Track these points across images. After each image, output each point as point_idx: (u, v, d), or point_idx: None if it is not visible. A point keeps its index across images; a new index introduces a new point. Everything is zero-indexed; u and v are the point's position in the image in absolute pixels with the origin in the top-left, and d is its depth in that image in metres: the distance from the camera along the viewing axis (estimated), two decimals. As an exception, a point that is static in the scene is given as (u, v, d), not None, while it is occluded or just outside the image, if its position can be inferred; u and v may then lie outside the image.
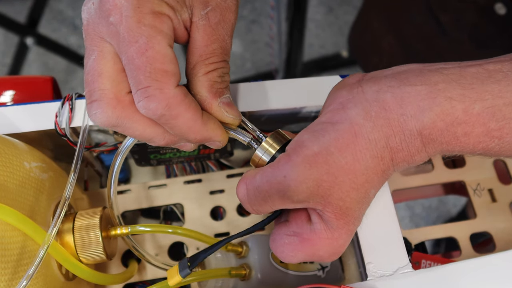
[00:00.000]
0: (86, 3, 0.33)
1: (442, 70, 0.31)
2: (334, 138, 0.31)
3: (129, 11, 0.30)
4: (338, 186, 0.31)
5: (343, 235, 0.32)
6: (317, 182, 0.30)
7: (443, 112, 0.30)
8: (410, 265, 0.36)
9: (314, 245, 0.32)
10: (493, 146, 0.31)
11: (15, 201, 0.34)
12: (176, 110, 0.31)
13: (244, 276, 0.40)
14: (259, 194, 0.32)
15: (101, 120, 0.32)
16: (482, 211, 0.47)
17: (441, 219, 1.41)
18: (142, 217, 0.51)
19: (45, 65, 1.63)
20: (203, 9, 0.33)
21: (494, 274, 0.36)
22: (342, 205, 0.31)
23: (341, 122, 0.31)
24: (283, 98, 0.42)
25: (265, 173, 0.32)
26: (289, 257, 0.33)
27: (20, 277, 0.33)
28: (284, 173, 0.31)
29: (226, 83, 0.35)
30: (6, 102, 0.48)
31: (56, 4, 1.71)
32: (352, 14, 1.70)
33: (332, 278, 0.42)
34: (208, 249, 0.34)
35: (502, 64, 0.31)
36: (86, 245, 0.37)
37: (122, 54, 0.31)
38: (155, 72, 0.30)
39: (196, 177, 0.49)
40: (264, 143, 0.34)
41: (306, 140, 0.31)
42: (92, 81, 0.32)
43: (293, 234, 0.33)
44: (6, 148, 0.36)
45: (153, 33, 0.30)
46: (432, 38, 0.72)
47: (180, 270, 0.34)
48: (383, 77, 0.32)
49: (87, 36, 0.33)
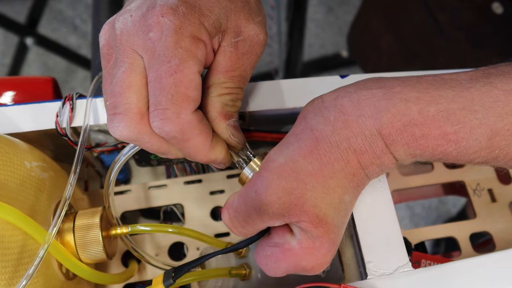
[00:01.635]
0: (124, 13, 0.33)
1: (400, 78, 0.33)
2: (298, 147, 0.32)
3: (170, 31, 0.31)
4: (311, 192, 0.31)
5: (324, 244, 0.32)
6: (287, 191, 0.31)
7: (399, 112, 0.31)
8: (410, 264, 0.36)
9: (296, 256, 0.32)
10: (451, 150, 0.31)
11: (15, 200, 0.34)
12: (188, 134, 0.32)
13: (244, 275, 0.40)
14: (239, 216, 0.33)
15: (122, 134, 0.33)
16: (482, 211, 0.47)
17: (441, 219, 1.41)
18: (142, 218, 0.51)
19: (45, 65, 1.63)
20: (234, 37, 0.34)
21: (494, 274, 0.36)
22: (318, 212, 0.31)
23: (303, 132, 0.32)
24: (282, 98, 0.42)
25: (240, 193, 0.33)
26: (272, 268, 0.34)
27: (20, 276, 0.33)
28: (255, 189, 0.32)
29: (236, 108, 0.36)
30: (6, 102, 0.48)
31: (56, 4, 1.71)
32: (352, 14, 1.70)
33: (332, 277, 0.42)
34: (192, 262, 0.35)
35: (457, 75, 0.32)
36: (86, 244, 0.37)
37: (152, 70, 0.32)
38: (177, 95, 0.31)
39: (196, 177, 0.49)
40: (251, 163, 0.35)
41: (272, 154, 0.33)
42: (120, 93, 0.32)
43: (275, 245, 0.33)
44: (7, 147, 0.36)
45: (186, 57, 0.31)
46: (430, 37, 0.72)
47: (164, 280, 0.34)
48: (343, 87, 0.34)
49: (120, 46, 0.33)
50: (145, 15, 0.32)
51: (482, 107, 0.30)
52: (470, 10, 0.67)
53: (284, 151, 0.32)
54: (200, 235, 0.40)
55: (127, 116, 0.32)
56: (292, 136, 0.33)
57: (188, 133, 0.32)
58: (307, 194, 0.31)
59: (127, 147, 0.38)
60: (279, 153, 0.32)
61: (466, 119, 0.31)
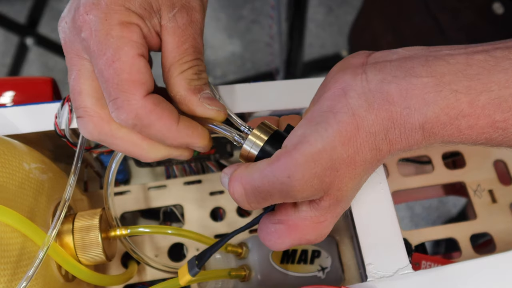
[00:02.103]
0: (60, 22, 0.34)
1: (448, 58, 0.30)
2: (338, 132, 0.30)
3: (98, 25, 0.31)
4: (339, 179, 0.30)
5: (329, 218, 0.32)
6: (320, 178, 0.30)
7: (448, 106, 0.29)
8: (410, 266, 0.36)
9: (300, 230, 0.32)
10: (496, 136, 0.30)
11: (14, 202, 0.34)
12: (147, 119, 0.32)
13: (244, 277, 0.40)
14: (260, 194, 0.31)
15: (86, 135, 0.34)
16: (482, 212, 0.47)
17: (441, 219, 1.41)
18: (142, 218, 0.51)
19: (45, 65, 1.63)
20: (170, 11, 0.33)
21: (495, 275, 0.36)
22: (339, 194, 0.31)
23: (343, 112, 0.30)
24: (282, 99, 0.42)
25: (265, 172, 0.30)
26: (277, 244, 0.33)
27: (20, 278, 0.33)
28: (288, 173, 0.29)
29: (204, 80, 0.35)
30: (5, 103, 0.48)
31: (56, 4, 1.71)
32: (352, 14, 1.70)
33: (332, 279, 0.42)
34: (213, 246, 0.34)
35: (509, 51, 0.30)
36: (85, 246, 0.37)
37: (95, 67, 0.32)
38: (122, 84, 0.31)
39: (196, 178, 0.49)
40: (250, 135, 0.33)
41: (308, 135, 0.30)
42: (74, 99, 0.34)
43: (279, 222, 0.33)
44: (6, 149, 0.36)
45: (120, 44, 0.31)
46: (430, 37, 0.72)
47: (190, 269, 0.34)
48: (388, 64, 0.31)
49: (66, 55, 0.34)
50: (74, 18, 0.33)
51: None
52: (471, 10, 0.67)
53: (323, 134, 0.30)
54: (199, 236, 0.40)
55: (85, 119, 0.33)
56: (330, 114, 0.30)
57: (145, 118, 0.32)
58: (335, 181, 0.30)
59: None
60: (318, 136, 0.30)
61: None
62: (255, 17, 1.70)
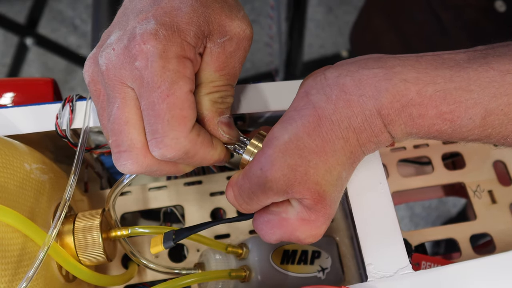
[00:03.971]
0: (104, 48, 0.33)
1: (400, 57, 0.33)
2: (301, 124, 0.32)
3: (155, 57, 0.31)
4: (313, 170, 0.32)
5: (320, 217, 0.33)
6: (292, 168, 0.32)
7: (399, 93, 0.31)
8: (410, 266, 0.36)
9: (291, 225, 0.34)
10: (445, 128, 0.32)
11: (15, 203, 0.34)
12: (192, 152, 0.32)
13: (244, 277, 0.40)
14: (244, 193, 0.34)
15: (131, 171, 0.33)
16: (482, 212, 0.47)
17: (441, 219, 1.41)
18: (142, 219, 0.51)
19: (44, 65, 1.63)
20: (220, 37, 0.34)
21: (495, 275, 0.36)
22: (319, 189, 0.32)
23: (305, 108, 0.33)
24: (282, 99, 0.42)
25: (244, 171, 0.34)
26: (267, 234, 0.35)
27: (20, 278, 0.33)
28: (260, 166, 0.32)
29: (227, 105, 0.36)
30: (6, 103, 0.48)
31: (56, 4, 1.71)
32: (352, 14, 1.70)
33: (332, 279, 0.42)
34: (194, 227, 0.36)
35: (456, 54, 0.33)
36: (86, 246, 0.37)
37: (143, 99, 0.32)
38: (172, 120, 0.31)
39: (196, 178, 0.49)
40: (249, 146, 0.35)
41: (276, 131, 0.33)
42: (120, 131, 0.32)
43: (272, 213, 0.34)
44: (7, 149, 0.36)
45: (176, 79, 0.31)
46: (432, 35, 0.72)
47: (165, 241, 0.35)
48: (345, 63, 0.34)
49: (109, 82, 0.33)
50: (128, 46, 0.32)
51: (478, 87, 0.31)
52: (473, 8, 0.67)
53: (288, 127, 0.32)
54: (199, 237, 0.40)
55: (132, 153, 0.32)
56: (294, 112, 0.33)
57: (191, 151, 0.32)
58: (310, 172, 0.32)
59: None
60: (283, 130, 0.33)
61: (462, 98, 0.31)
62: (254, 17, 1.70)
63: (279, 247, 0.42)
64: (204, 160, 0.34)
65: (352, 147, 0.33)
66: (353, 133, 0.32)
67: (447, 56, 0.33)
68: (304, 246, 0.43)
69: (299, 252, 0.42)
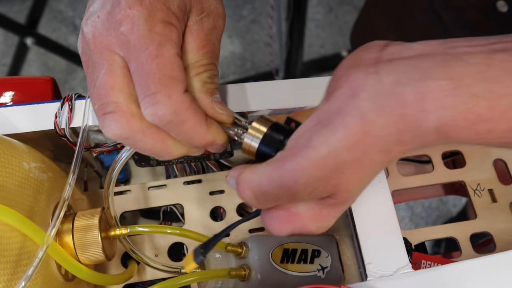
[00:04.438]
0: (89, 17, 0.34)
1: (467, 58, 0.29)
2: (343, 137, 0.29)
3: (141, 20, 0.31)
4: (345, 181, 0.30)
5: (332, 213, 0.32)
6: (324, 181, 0.30)
7: (467, 110, 0.27)
8: (410, 266, 0.36)
9: (301, 220, 0.32)
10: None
11: (14, 202, 0.34)
12: (183, 116, 0.31)
13: (244, 276, 0.40)
14: (269, 197, 0.31)
15: (114, 132, 0.32)
16: (482, 211, 0.47)
17: (441, 219, 1.41)
18: (142, 218, 0.51)
19: (45, 65, 1.63)
20: (199, 14, 0.34)
21: (495, 275, 0.36)
22: (346, 195, 0.31)
23: (351, 116, 0.29)
24: (282, 98, 0.42)
25: (272, 177, 0.30)
26: (277, 229, 0.33)
27: (19, 277, 0.33)
28: (294, 179, 0.30)
29: (216, 85, 0.35)
30: (6, 102, 0.48)
31: (56, 4, 1.71)
32: (352, 14, 1.70)
33: (332, 278, 0.42)
34: (220, 234, 0.35)
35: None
36: (85, 245, 0.37)
37: (132, 61, 0.32)
38: (164, 79, 0.31)
39: (196, 177, 0.49)
40: (250, 129, 0.33)
41: (314, 139, 0.29)
42: (105, 95, 0.32)
43: (282, 208, 0.33)
44: (5, 148, 0.36)
45: (163, 41, 0.31)
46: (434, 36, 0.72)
47: (195, 257, 0.34)
48: (404, 62, 0.29)
49: (95, 50, 0.33)
50: (112, 12, 0.32)
51: None
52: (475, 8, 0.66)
53: (329, 139, 0.29)
54: (199, 236, 0.40)
55: (117, 114, 0.32)
56: (337, 116, 0.29)
57: (182, 114, 0.31)
58: (342, 183, 0.30)
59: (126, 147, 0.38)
60: (323, 141, 0.29)
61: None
62: (255, 17, 1.70)
63: (279, 246, 0.42)
64: (195, 133, 0.32)
65: (392, 157, 0.30)
66: (399, 146, 0.29)
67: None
68: (304, 245, 0.43)
69: (299, 251, 0.42)
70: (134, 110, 0.32)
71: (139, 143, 0.33)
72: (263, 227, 0.47)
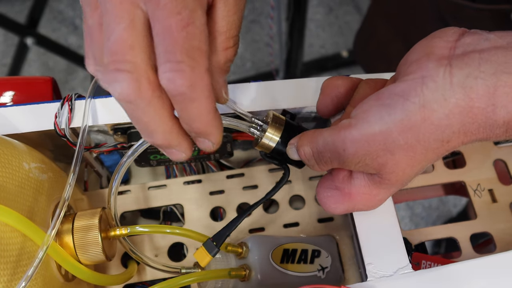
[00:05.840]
0: None
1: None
2: (399, 120, 0.30)
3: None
4: (393, 162, 0.31)
5: (381, 194, 0.34)
6: (373, 157, 0.31)
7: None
8: (410, 266, 0.36)
9: (353, 199, 0.35)
10: None
11: (14, 202, 0.34)
12: (198, 93, 0.29)
13: (244, 277, 0.40)
14: (323, 158, 0.34)
15: (122, 92, 0.29)
16: (482, 211, 0.47)
17: (441, 219, 1.41)
18: (142, 218, 0.51)
19: (45, 65, 1.63)
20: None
21: (495, 275, 0.36)
22: (392, 177, 0.32)
23: (413, 102, 0.29)
24: (282, 98, 0.42)
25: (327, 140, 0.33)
26: (331, 208, 0.36)
27: (19, 278, 0.32)
28: (344, 147, 0.32)
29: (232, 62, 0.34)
30: (5, 102, 0.48)
31: (56, 4, 1.71)
32: (352, 14, 1.70)
33: (332, 278, 0.42)
34: (230, 224, 0.37)
35: None
36: (85, 245, 0.37)
37: (158, 22, 0.29)
38: (192, 50, 0.29)
39: (196, 177, 0.49)
40: (268, 132, 0.36)
41: (371, 114, 0.31)
42: (123, 52, 0.29)
43: (335, 188, 0.35)
44: (5, 148, 0.36)
45: (195, 7, 0.29)
46: None
47: (209, 251, 0.37)
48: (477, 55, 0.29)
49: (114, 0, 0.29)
50: None
51: None
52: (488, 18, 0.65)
53: (385, 118, 0.30)
54: (199, 236, 0.40)
55: (133, 75, 0.29)
56: (400, 99, 0.30)
57: (197, 91, 0.29)
58: (389, 163, 0.31)
59: (130, 149, 0.38)
60: (379, 117, 0.30)
61: None
62: (255, 17, 1.70)
63: (279, 246, 0.42)
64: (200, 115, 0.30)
65: (450, 148, 0.30)
66: (461, 137, 0.29)
67: None
68: (304, 245, 0.43)
69: (299, 251, 0.42)
70: (151, 76, 0.29)
71: (139, 112, 0.30)
72: (263, 227, 0.47)
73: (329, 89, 0.38)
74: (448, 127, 0.29)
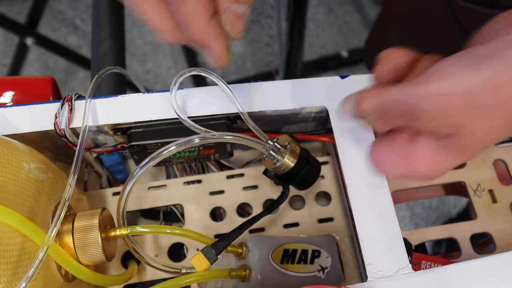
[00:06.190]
0: None
1: None
2: (486, 79, 0.28)
3: None
4: (474, 123, 0.29)
5: (447, 161, 0.31)
6: (450, 117, 0.29)
7: None
8: (410, 266, 0.36)
9: (415, 161, 0.31)
10: None
11: (14, 203, 0.34)
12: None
13: (244, 277, 0.40)
14: (391, 112, 0.31)
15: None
16: (482, 212, 0.47)
17: (441, 219, 1.41)
18: (142, 218, 0.51)
19: (45, 65, 1.63)
20: None
21: (495, 275, 0.36)
22: (469, 140, 0.30)
23: (500, 63, 0.28)
24: (282, 99, 0.42)
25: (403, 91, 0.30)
26: (387, 170, 0.33)
27: (20, 278, 0.32)
28: (417, 103, 0.29)
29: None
30: (5, 102, 0.48)
31: (56, 4, 1.71)
32: (352, 14, 1.70)
33: (332, 279, 0.42)
34: (230, 235, 0.37)
35: None
36: (85, 246, 0.37)
37: None
38: None
39: (196, 177, 0.49)
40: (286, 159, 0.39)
41: (455, 71, 0.29)
42: None
43: (396, 148, 0.32)
44: (5, 149, 0.36)
45: None
46: None
47: (208, 258, 0.36)
48: None
49: None
50: None
51: None
52: None
53: (469, 76, 0.28)
54: (199, 236, 0.40)
55: None
56: (488, 60, 0.29)
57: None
58: (468, 124, 0.29)
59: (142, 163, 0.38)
60: (464, 74, 0.29)
61: None
62: (255, 17, 1.70)
63: (279, 246, 0.42)
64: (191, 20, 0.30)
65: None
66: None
67: None
68: (304, 246, 0.43)
69: (299, 251, 0.42)
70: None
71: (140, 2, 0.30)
72: (263, 227, 0.47)
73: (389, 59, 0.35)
74: None
